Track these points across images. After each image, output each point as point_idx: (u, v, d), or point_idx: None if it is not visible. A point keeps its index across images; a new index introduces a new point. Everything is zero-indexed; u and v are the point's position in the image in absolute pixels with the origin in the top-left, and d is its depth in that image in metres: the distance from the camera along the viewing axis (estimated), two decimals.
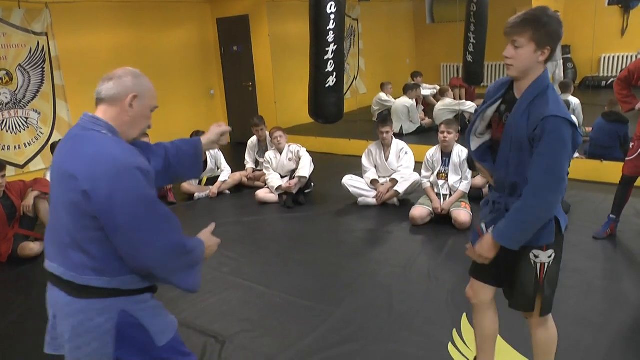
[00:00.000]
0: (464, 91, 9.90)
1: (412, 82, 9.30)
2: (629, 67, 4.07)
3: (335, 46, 4.97)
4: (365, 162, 5.53)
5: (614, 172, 4.38)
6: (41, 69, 6.82)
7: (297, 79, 7.28)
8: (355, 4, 10.66)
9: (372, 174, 5.47)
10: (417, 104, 8.85)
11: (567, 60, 10.90)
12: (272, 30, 8.77)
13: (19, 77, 6.61)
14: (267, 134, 6.28)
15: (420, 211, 4.81)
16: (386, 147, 5.46)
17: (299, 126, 8.76)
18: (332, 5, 4.83)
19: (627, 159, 4.11)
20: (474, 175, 4.92)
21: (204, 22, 9.12)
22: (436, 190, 4.88)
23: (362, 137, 7.68)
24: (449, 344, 2.90)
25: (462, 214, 4.59)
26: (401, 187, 5.26)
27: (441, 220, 4.76)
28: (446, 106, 8.05)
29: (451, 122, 4.97)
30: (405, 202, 5.35)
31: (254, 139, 6.53)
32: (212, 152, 6.24)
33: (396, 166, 5.39)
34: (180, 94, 8.59)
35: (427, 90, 9.58)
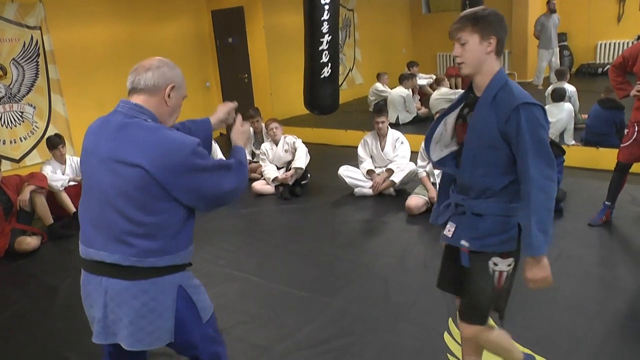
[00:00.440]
0: (460, 80, 9.90)
1: (408, 72, 9.27)
2: (624, 54, 4.05)
3: (330, 37, 4.93)
4: (361, 152, 5.53)
5: (610, 159, 4.37)
6: (35, 63, 6.78)
7: (293, 70, 7.25)
8: None
9: (368, 164, 5.47)
10: (413, 94, 8.83)
11: (564, 47, 10.90)
12: (267, 21, 8.74)
13: (13, 71, 6.58)
14: (263, 126, 6.27)
15: (416, 201, 4.81)
16: (382, 137, 5.45)
17: (294, 117, 8.75)
18: None
19: (622, 145, 4.10)
20: None
21: (198, 14, 9.08)
22: (432, 179, 4.87)
23: (359, 127, 7.67)
24: (445, 332, 2.92)
25: None
26: (397, 177, 5.26)
27: None
28: (442, 95, 8.03)
29: None
30: (401, 192, 5.35)
31: (250, 131, 6.51)
32: None
33: (392, 156, 5.39)
34: None
35: (423, 79, 9.56)
